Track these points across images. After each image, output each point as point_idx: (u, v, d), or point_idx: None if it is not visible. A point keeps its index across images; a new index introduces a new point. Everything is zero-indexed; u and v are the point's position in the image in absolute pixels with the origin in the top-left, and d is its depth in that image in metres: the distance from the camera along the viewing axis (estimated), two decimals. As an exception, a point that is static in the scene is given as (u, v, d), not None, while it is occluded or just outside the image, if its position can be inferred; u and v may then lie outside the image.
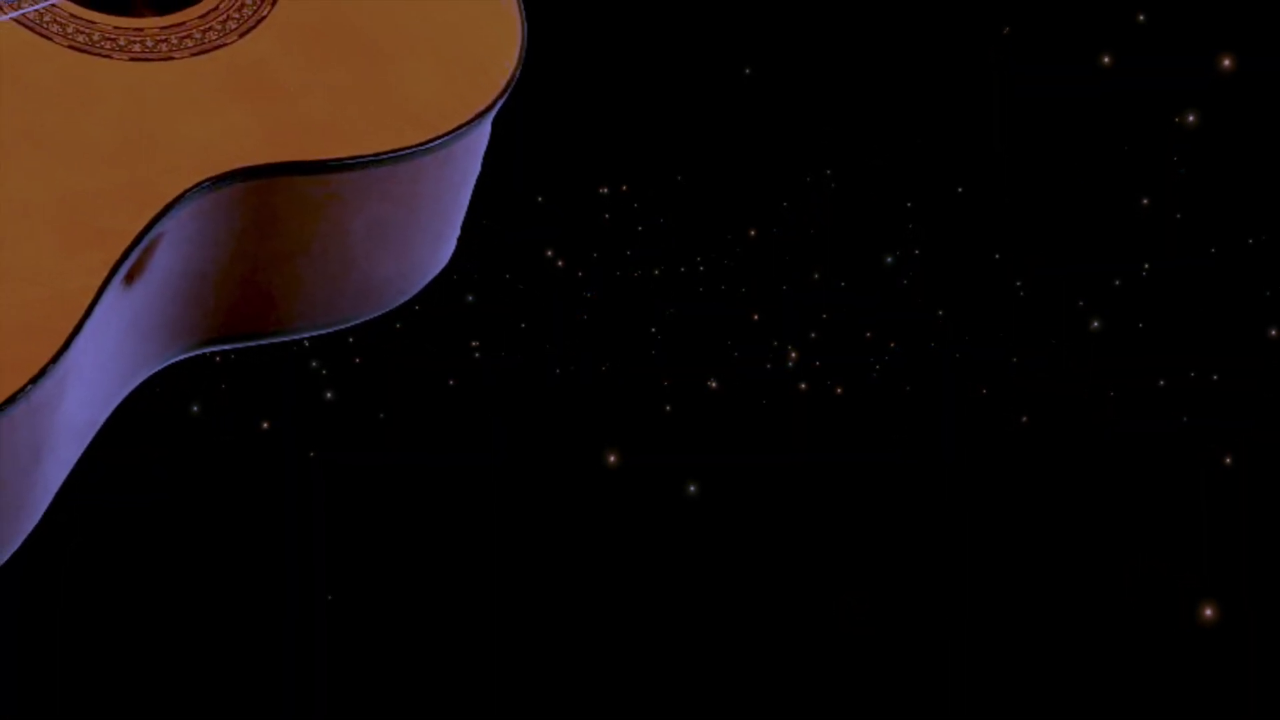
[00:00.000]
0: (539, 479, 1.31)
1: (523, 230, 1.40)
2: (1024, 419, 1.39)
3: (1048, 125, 1.52)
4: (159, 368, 1.15)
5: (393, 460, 1.30)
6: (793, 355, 1.38)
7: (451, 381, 1.34)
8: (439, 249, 1.24)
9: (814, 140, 1.51)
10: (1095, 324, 1.43)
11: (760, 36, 1.56)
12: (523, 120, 1.29)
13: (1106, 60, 1.50)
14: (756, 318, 1.39)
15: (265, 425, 1.27)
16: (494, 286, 1.39)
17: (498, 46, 1.17)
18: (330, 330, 1.22)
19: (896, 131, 1.52)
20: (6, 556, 1.08)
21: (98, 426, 1.12)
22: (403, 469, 1.29)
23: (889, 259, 1.45)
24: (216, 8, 1.14)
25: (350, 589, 1.24)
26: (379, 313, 1.23)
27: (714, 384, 1.39)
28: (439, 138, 1.13)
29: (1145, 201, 1.48)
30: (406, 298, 1.24)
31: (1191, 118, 1.49)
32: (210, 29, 1.13)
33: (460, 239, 1.27)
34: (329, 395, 1.31)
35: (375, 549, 1.25)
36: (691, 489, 1.31)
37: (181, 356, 1.16)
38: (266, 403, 1.28)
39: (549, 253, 1.42)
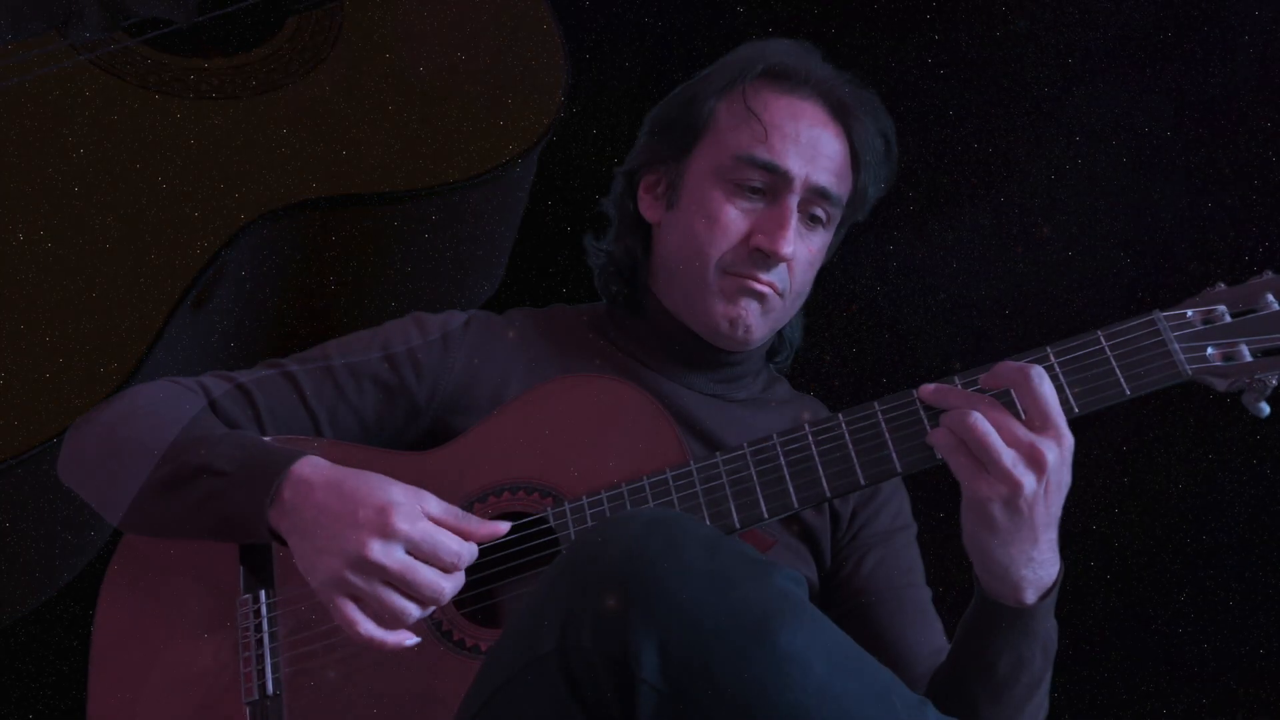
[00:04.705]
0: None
1: (525, 229, 1.44)
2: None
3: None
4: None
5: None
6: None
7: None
8: (487, 273, 1.29)
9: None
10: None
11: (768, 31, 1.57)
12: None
13: None
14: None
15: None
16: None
17: (544, 88, 1.22)
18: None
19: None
20: (78, 568, 1.14)
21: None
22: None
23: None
24: (278, 50, 1.18)
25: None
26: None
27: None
28: (485, 173, 1.18)
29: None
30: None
31: None
32: (273, 70, 1.17)
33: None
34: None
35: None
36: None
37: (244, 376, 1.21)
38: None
39: (548, 250, 1.44)
